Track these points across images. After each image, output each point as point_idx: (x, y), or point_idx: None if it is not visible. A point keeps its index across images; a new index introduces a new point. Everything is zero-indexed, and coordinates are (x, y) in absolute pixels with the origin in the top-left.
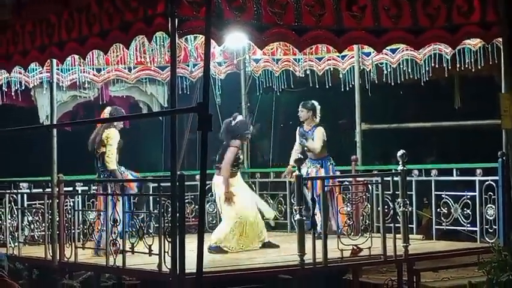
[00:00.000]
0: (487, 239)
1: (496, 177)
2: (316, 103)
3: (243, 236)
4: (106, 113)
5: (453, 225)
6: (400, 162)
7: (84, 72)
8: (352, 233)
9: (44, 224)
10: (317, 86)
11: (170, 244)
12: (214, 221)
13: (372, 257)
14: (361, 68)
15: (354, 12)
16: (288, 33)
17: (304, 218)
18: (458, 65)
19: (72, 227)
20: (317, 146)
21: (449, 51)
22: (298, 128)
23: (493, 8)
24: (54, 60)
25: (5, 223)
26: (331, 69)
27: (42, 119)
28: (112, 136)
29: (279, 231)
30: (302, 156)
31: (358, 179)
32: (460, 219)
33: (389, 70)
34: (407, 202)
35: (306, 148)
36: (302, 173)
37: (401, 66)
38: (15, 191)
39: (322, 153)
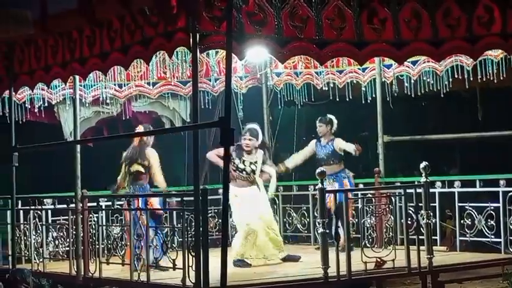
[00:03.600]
0: (511, 250)
1: None
2: (332, 116)
3: (259, 245)
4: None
5: (477, 237)
6: (423, 174)
7: (106, 88)
8: (376, 246)
9: (68, 240)
10: (338, 99)
11: (194, 258)
12: None
13: (396, 269)
14: (382, 80)
15: (374, 25)
16: (309, 46)
17: (327, 231)
18: (480, 76)
19: (97, 242)
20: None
21: (471, 63)
22: (315, 141)
23: None
24: (77, 77)
25: (29, 239)
26: (353, 82)
27: (66, 135)
28: (153, 157)
29: (303, 244)
30: (323, 169)
31: (381, 191)
32: (484, 230)
33: (410, 82)
34: (431, 214)
35: (323, 162)
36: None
37: (422, 78)
38: (39, 207)
39: (339, 166)
